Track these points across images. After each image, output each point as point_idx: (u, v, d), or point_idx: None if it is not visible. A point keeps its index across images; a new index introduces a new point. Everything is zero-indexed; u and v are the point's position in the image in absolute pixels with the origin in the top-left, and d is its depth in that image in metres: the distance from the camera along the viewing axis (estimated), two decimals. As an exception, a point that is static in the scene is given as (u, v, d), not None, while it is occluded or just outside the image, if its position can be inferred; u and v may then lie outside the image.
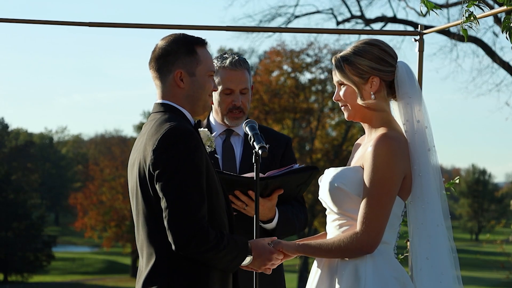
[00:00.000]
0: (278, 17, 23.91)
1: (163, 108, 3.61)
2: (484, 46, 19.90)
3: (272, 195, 4.24)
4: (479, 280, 42.54)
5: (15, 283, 44.96)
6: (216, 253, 3.44)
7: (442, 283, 3.58)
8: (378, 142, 3.56)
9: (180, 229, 3.38)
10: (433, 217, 3.60)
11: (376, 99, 3.67)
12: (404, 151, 3.59)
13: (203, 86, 3.64)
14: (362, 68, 3.66)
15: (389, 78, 3.67)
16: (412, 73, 3.69)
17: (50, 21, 5.54)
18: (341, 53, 3.72)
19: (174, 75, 3.60)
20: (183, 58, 3.60)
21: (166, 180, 3.40)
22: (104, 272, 50.32)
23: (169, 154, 3.42)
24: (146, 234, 3.50)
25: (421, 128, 3.62)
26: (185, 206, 3.39)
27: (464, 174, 77.30)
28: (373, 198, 3.53)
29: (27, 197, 50.61)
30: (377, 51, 3.66)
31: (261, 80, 35.78)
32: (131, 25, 5.66)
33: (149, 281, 3.48)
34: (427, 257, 3.61)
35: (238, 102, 4.51)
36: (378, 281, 3.55)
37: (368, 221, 3.52)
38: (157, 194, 3.44)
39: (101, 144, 76.86)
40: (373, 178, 3.53)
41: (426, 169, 3.58)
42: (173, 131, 3.45)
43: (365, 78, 3.66)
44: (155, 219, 3.47)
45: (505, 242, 18.49)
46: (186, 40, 3.64)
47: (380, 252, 3.60)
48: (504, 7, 3.94)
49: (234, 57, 4.54)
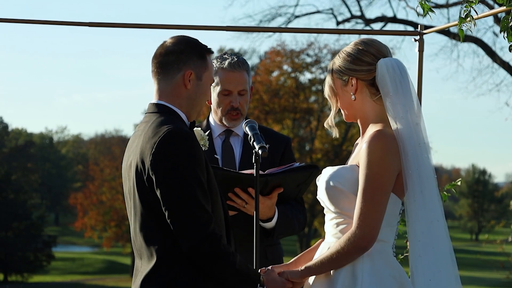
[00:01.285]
0: (278, 17, 23.93)
1: (158, 109, 3.59)
2: (484, 46, 19.91)
3: (272, 193, 4.24)
4: (479, 280, 42.55)
5: (15, 283, 44.96)
6: (226, 266, 3.42)
7: (432, 281, 3.55)
8: (372, 139, 3.58)
9: (191, 232, 3.37)
10: (425, 214, 3.59)
11: (358, 99, 3.69)
12: (397, 148, 3.60)
13: (205, 92, 3.65)
14: (340, 70, 3.71)
15: (367, 77, 3.67)
16: (398, 69, 3.64)
17: (50, 21, 5.54)
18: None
19: (184, 74, 3.58)
20: (195, 61, 3.60)
21: (168, 186, 3.39)
22: (104, 272, 50.32)
23: (169, 159, 3.40)
24: (145, 236, 3.49)
25: (407, 124, 3.60)
26: (191, 210, 3.38)
27: (464, 174, 77.31)
28: (367, 193, 3.53)
29: (27, 197, 50.61)
30: (355, 51, 3.69)
31: (261, 80, 35.79)
32: (131, 25, 5.66)
33: (148, 282, 3.47)
34: (419, 255, 3.59)
35: (236, 104, 4.52)
36: (375, 279, 3.55)
37: (363, 216, 3.52)
38: (156, 197, 3.43)
39: (101, 144, 76.87)
40: (367, 173, 3.54)
41: (415, 166, 3.57)
42: (171, 134, 3.43)
43: (345, 79, 3.70)
44: (154, 221, 3.46)
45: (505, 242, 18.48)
46: (198, 44, 3.65)
47: (377, 250, 3.60)
48: (504, 7, 3.94)
49: (233, 58, 4.55)
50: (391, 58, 3.68)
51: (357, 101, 3.70)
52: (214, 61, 4.56)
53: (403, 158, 3.57)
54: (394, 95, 3.62)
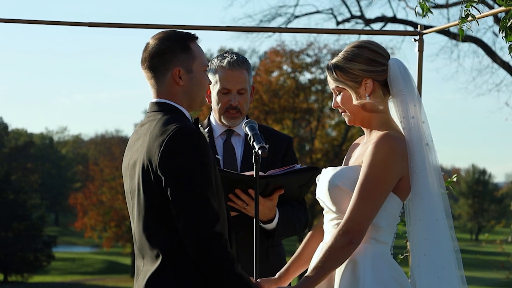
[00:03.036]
0: (278, 17, 23.92)
1: (161, 107, 3.57)
2: (484, 46, 19.91)
3: (273, 195, 4.23)
4: (479, 280, 42.53)
5: (15, 283, 44.96)
6: (229, 270, 3.36)
7: (440, 279, 3.57)
8: (380, 140, 3.58)
9: (198, 230, 3.33)
10: (430, 212, 3.60)
11: (372, 100, 3.69)
12: (404, 151, 3.60)
13: (200, 82, 3.61)
14: (354, 73, 3.68)
15: (381, 77, 3.69)
16: (406, 69, 3.70)
17: (50, 21, 5.55)
18: (332, 61, 3.75)
19: (172, 73, 3.56)
20: (179, 56, 3.56)
21: (178, 184, 3.36)
22: (104, 272, 50.31)
23: (179, 157, 3.37)
24: (150, 236, 3.46)
25: (417, 123, 3.63)
26: (201, 208, 3.35)
27: (464, 174, 77.26)
28: (363, 191, 3.53)
29: (27, 197, 50.64)
30: (367, 53, 3.69)
31: (261, 80, 35.78)
32: (131, 25, 5.66)
33: (153, 282, 3.44)
34: (424, 253, 3.60)
35: (234, 102, 4.50)
36: (377, 280, 3.55)
37: (354, 212, 3.52)
38: (163, 196, 3.39)
39: (101, 144, 76.87)
40: (367, 172, 3.54)
41: (423, 165, 3.58)
42: (180, 132, 3.40)
43: (358, 81, 3.69)
44: (160, 221, 3.43)
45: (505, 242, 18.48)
46: (179, 36, 3.59)
47: (378, 251, 3.61)
48: (503, 7, 3.94)
49: (233, 56, 4.54)
50: (395, 58, 3.72)
51: (368, 103, 3.69)
52: (214, 60, 4.56)
53: (411, 157, 3.58)
54: (407, 93, 3.65)
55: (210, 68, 4.54)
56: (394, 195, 3.62)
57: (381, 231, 3.63)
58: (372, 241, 3.63)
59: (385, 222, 3.63)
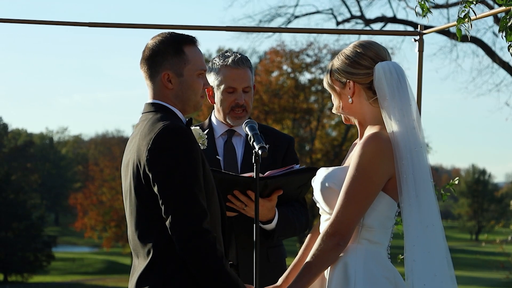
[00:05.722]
0: (278, 17, 23.93)
1: (154, 107, 3.61)
2: (484, 46, 19.92)
3: (272, 195, 4.23)
4: (479, 280, 42.54)
5: (15, 283, 44.96)
6: (216, 266, 3.37)
7: (426, 286, 3.52)
8: (367, 141, 3.58)
9: (184, 226, 3.36)
10: (420, 219, 3.57)
11: (356, 102, 3.69)
12: (391, 151, 3.59)
13: (192, 86, 3.62)
14: (338, 74, 3.71)
15: (364, 81, 3.67)
16: (395, 73, 3.63)
17: (50, 21, 5.55)
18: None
19: (161, 76, 3.59)
20: (170, 59, 3.58)
21: (165, 180, 3.40)
22: (104, 272, 50.30)
23: (165, 154, 3.41)
24: (140, 233, 3.49)
25: (404, 128, 3.59)
26: (187, 204, 3.38)
27: (464, 174, 77.27)
28: (349, 193, 3.53)
29: (27, 197, 50.64)
30: (353, 54, 3.69)
31: (261, 80, 35.80)
32: (131, 25, 5.66)
33: (143, 279, 3.47)
34: (413, 259, 3.58)
35: (241, 101, 4.48)
36: (368, 280, 3.54)
37: (340, 214, 3.52)
38: (152, 194, 3.43)
39: (101, 144, 76.84)
40: (354, 174, 3.54)
41: (411, 170, 3.56)
42: (167, 130, 3.44)
43: (343, 82, 3.70)
44: (149, 219, 3.46)
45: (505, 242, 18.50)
46: (173, 40, 3.61)
47: (371, 252, 3.60)
48: (503, 7, 3.95)
49: (236, 55, 4.52)
50: (389, 62, 3.67)
51: (354, 103, 3.70)
52: (216, 60, 4.54)
53: (397, 162, 3.56)
54: (390, 99, 3.61)
55: (212, 69, 4.53)
56: (385, 195, 3.61)
57: (374, 231, 3.62)
58: (365, 242, 3.62)
59: (377, 222, 3.62)
